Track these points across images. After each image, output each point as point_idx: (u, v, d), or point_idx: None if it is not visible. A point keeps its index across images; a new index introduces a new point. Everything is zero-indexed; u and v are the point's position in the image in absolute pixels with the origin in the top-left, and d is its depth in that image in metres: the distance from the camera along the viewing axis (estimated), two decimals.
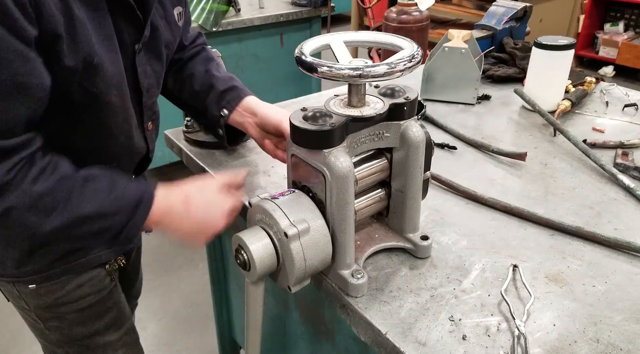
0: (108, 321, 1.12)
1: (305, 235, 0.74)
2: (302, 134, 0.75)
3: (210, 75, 1.09)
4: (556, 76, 1.44)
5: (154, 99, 1.00)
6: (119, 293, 1.15)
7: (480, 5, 3.79)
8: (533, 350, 0.72)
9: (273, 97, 1.26)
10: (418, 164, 0.84)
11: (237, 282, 1.50)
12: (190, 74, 1.10)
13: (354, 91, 0.80)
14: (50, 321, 1.06)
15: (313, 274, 0.80)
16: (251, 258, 0.75)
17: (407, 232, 0.90)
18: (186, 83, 1.10)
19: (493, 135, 1.33)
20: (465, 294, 0.82)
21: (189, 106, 1.12)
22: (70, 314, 1.06)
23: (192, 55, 1.13)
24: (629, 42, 4.60)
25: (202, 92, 1.08)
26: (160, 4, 0.93)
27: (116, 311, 1.13)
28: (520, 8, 1.80)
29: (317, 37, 0.82)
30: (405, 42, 0.80)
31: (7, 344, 2.10)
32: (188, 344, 2.13)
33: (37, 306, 1.03)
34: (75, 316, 1.06)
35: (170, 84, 1.11)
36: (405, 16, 2.41)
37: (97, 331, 1.11)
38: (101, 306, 1.09)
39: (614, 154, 1.20)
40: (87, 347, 1.12)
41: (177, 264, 2.54)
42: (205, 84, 1.08)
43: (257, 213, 0.79)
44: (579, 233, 0.95)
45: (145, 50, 0.91)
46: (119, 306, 1.15)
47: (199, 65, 1.11)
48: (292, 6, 2.97)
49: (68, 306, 1.04)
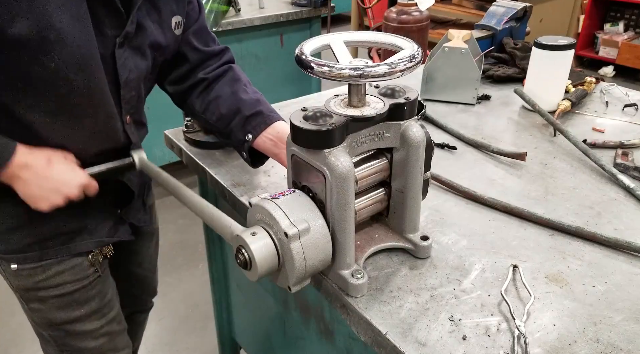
0: (89, 309, 1.14)
1: (306, 235, 0.74)
2: (302, 134, 0.75)
3: (237, 98, 1.08)
4: (556, 76, 1.44)
5: (133, 93, 1.01)
6: (104, 283, 1.17)
7: (480, 5, 3.79)
8: (533, 350, 0.72)
9: (273, 97, 1.25)
10: (418, 164, 0.84)
11: (237, 282, 1.50)
12: (216, 96, 1.10)
13: (354, 91, 0.80)
14: (32, 302, 1.10)
15: (313, 274, 0.80)
16: (252, 258, 0.75)
17: (407, 233, 0.90)
18: (211, 105, 1.10)
19: (493, 135, 1.33)
20: (465, 294, 0.82)
21: (216, 127, 1.11)
22: (51, 298, 1.09)
23: (218, 76, 1.12)
24: (629, 42, 4.60)
25: (228, 116, 1.08)
26: (155, 8, 0.97)
27: (98, 300, 1.16)
28: (520, 8, 1.81)
29: (317, 37, 0.82)
30: (406, 42, 0.80)
31: (7, 344, 2.09)
32: (188, 344, 2.13)
33: (19, 286, 1.08)
34: (55, 301, 1.10)
35: (198, 106, 1.12)
36: (405, 16, 2.41)
37: (78, 318, 1.14)
38: (82, 294, 1.12)
39: (614, 154, 1.20)
40: (67, 332, 1.15)
41: (177, 264, 2.54)
42: (231, 108, 1.07)
43: (258, 213, 0.79)
44: (579, 233, 0.95)
45: (129, 46, 0.94)
46: (103, 296, 1.17)
47: (226, 86, 1.11)
48: (292, 6, 2.97)
49: (48, 290, 1.08)
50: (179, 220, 2.86)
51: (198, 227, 2.65)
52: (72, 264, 1.08)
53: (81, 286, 1.11)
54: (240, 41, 2.80)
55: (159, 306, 2.29)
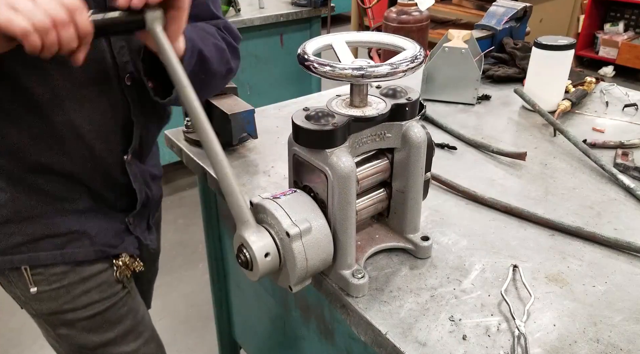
0: (123, 329, 1.07)
1: (307, 235, 0.74)
2: (304, 134, 0.75)
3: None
4: (556, 76, 1.44)
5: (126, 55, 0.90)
6: (134, 299, 1.10)
7: (480, 5, 3.80)
8: (533, 350, 0.73)
9: (273, 97, 1.26)
10: (419, 165, 0.84)
11: (237, 282, 1.51)
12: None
13: (356, 91, 0.80)
14: (59, 328, 1.03)
15: (314, 274, 0.80)
16: (253, 258, 0.75)
17: (407, 233, 0.90)
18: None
19: (493, 135, 1.34)
20: (465, 294, 0.82)
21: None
22: (80, 321, 1.02)
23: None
24: (629, 42, 4.60)
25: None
26: None
27: (132, 317, 1.08)
28: (520, 8, 1.81)
29: (319, 37, 0.83)
30: (408, 43, 0.80)
31: (7, 344, 2.09)
32: (188, 344, 2.13)
33: (42, 311, 1.01)
34: (85, 324, 1.03)
35: None
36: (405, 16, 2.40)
37: (112, 340, 1.06)
38: (113, 313, 1.05)
39: (614, 154, 1.21)
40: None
41: (177, 264, 2.54)
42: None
43: (259, 213, 0.79)
44: (579, 233, 0.95)
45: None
46: (135, 312, 1.09)
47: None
48: (292, 6, 2.97)
49: (76, 312, 1.01)
50: (179, 220, 2.86)
51: (198, 227, 2.65)
52: (99, 282, 1.01)
53: (111, 304, 1.03)
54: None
55: (159, 306, 2.30)
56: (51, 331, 1.04)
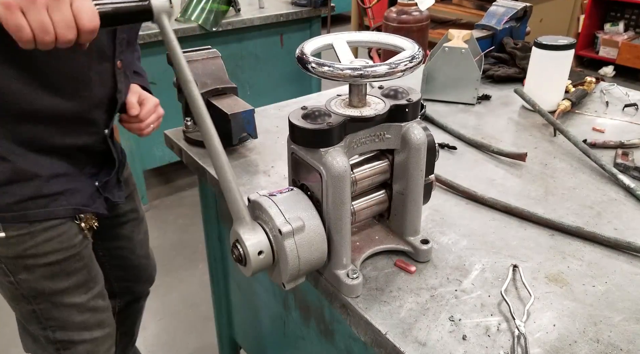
0: (76, 281, 1.16)
1: (300, 233, 0.74)
2: (300, 132, 0.76)
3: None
4: (556, 76, 1.44)
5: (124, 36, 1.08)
6: (90, 257, 1.20)
7: (480, 5, 3.79)
8: (533, 350, 0.72)
9: (273, 97, 1.26)
10: (419, 166, 0.84)
11: (237, 282, 1.51)
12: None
13: (354, 91, 0.80)
14: (19, 273, 1.11)
15: (308, 273, 0.80)
16: (247, 253, 0.75)
17: (407, 235, 0.90)
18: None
19: (493, 135, 1.34)
20: (465, 295, 0.82)
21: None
22: (39, 267, 1.11)
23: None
24: (629, 42, 4.60)
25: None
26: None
27: (85, 273, 1.18)
28: (520, 8, 1.80)
29: (319, 37, 0.83)
30: (407, 43, 0.80)
31: (7, 344, 2.09)
32: (188, 344, 2.13)
33: (7, 255, 1.09)
34: (43, 270, 1.12)
35: None
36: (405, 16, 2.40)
37: (65, 289, 1.15)
38: (69, 265, 1.14)
39: (614, 154, 1.21)
40: (54, 304, 1.16)
41: (177, 264, 2.54)
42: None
43: (255, 209, 0.79)
44: (579, 233, 0.95)
45: None
46: (90, 269, 1.19)
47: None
48: (292, 6, 2.97)
49: (36, 258, 1.09)
50: (179, 220, 2.86)
51: (198, 227, 2.65)
52: (60, 232, 1.10)
53: (69, 255, 1.13)
54: (240, 41, 2.80)
55: (159, 306, 2.30)
56: (11, 276, 1.12)
